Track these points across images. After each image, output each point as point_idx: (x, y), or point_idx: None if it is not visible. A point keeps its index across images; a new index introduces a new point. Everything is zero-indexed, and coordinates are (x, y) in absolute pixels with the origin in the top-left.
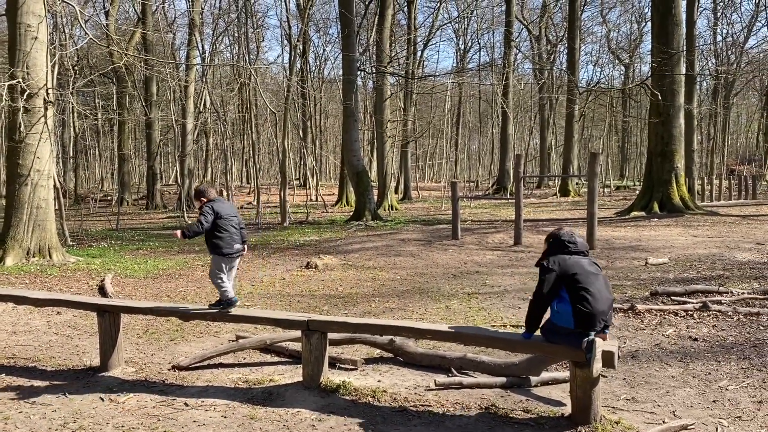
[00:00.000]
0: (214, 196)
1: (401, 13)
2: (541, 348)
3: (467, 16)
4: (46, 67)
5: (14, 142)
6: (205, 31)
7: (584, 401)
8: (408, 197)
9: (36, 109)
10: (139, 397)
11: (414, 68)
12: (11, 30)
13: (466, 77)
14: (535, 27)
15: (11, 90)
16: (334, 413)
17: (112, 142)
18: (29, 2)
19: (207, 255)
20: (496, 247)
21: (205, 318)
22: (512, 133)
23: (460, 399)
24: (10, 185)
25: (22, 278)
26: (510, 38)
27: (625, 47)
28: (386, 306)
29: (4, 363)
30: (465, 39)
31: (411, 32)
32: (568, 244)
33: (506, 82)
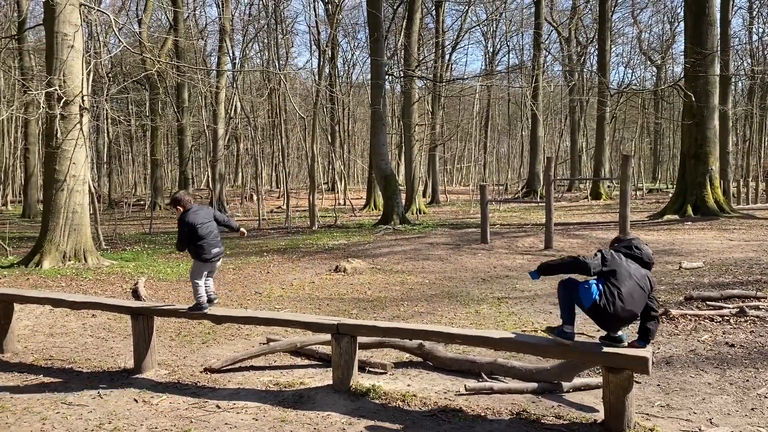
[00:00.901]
0: (190, 205)
1: (429, 17)
2: (573, 353)
3: (496, 18)
4: (82, 74)
5: (51, 148)
6: (235, 37)
7: (617, 407)
8: (436, 201)
9: (72, 115)
10: (171, 399)
11: (442, 71)
12: (48, 39)
13: (495, 80)
14: (565, 29)
15: (48, 97)
16: (364, 417)
17: (144, 147)
18: (66, 12)
19: (237, 258)
20: (526, 251)
21: (236, 321)
22: (542, 135)
23: (491, 404)
24: (47, 190)
25: (59, 281)
26: (539, 40)
27: (657, 48)
28: (415, 310)
29: (42, 364)
30: (494, 41)
31: (439, 36)
32: (634, 248)
33: (536, 84)
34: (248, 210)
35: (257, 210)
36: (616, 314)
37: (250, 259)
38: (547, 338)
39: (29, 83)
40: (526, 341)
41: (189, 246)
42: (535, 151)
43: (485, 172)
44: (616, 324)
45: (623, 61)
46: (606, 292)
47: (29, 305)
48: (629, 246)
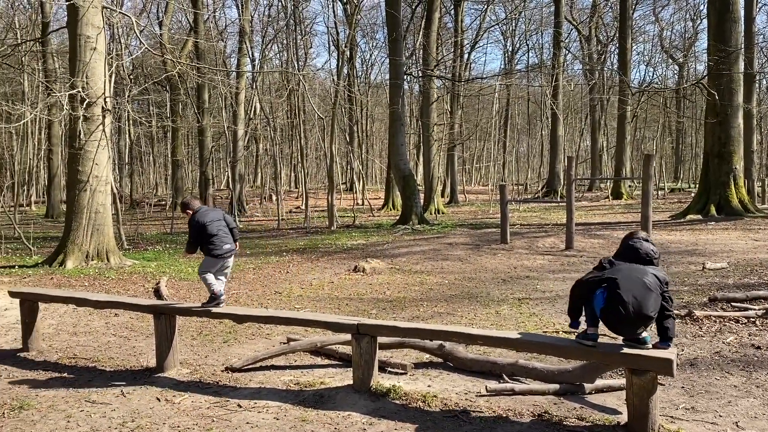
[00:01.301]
0: (198, 206)
1: (448, 16)
2: (595, 355)
3: (515, 17)
4: (104, 76)
5: (74, 150)
6: (254, 38)
7: (641, 409)
8: (455, 201)
9: (95, 117)
10: (193, 397)
11: (461, 71)
12: (72, 41)
13: (515, 79)
14: (585, 27)
15: (72, 99)
16: (385, 417)
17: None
18: (89, 14)
19: (257, 258)
20: (546, 251)
21: (257, 320)
22: (562, 134)
23: (512, 405)
24: (70, 191)
25: (82, 281)
26: (559, 39)
27: (680, 46)
28: (435, 310)
29: (66, 362)
30: (513, 40)
31: (458, 35)
32: (632, 249)
33: (556, 83)
34: (267, 210)
35: (276, 210)
36: (623, 319)
37: (270, 259)
38: (569, 339)
39: (53, 85)
40: (547, 342)
41: (201, 245)
42: (555, 151)
43: (504, 171)
44: (628, 328)
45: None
46: (610, 299)
47: (53, 304)
48: (627, 247)
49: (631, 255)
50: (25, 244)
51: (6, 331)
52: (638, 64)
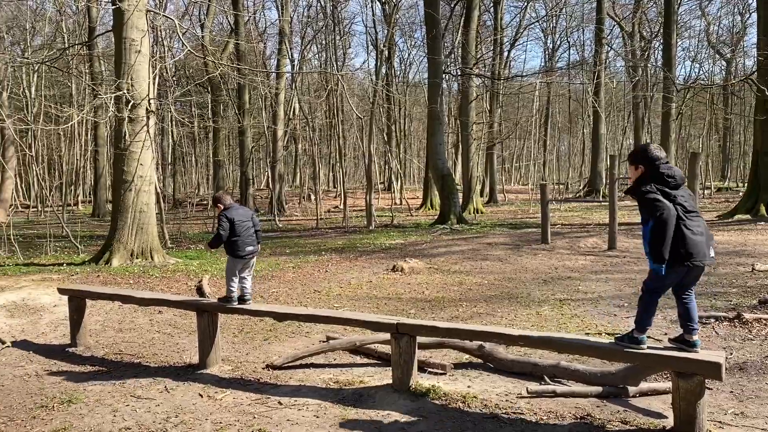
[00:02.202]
0: (229, 203)
1: (487, 14)
2: (639, 357)
3: (556, 14)
4: (148, 78)
5: (120, 150)
6: (294, 39)
7: (688, 414)
8: (494, 200)
9: (139, 118)
10: (235, 394)
11: (500, 69)
12: (117, 44)
13: (555, 77)
14: (628, 23)
15: (117, 101)
16: (425, 417)
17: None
18: (133, 18)
19: (296, 257)
20: (588, 251)
21: (297, 319)
22: (604, 133)
23: (554, 408)
24: (116, 191)
25: (127, 278)
26: (601, 35)
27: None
28: (474, 311)
29: (112, 358)
30: (554, 38)
31: (497, 33)
32: (667, 178)
33: (597, 80)
34: (306, 210)
35: (315, 210)
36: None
37: (309, 258)
38: (611, 342)
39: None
40: (590, 344)
41: (225, 244)
42: (597, 149)
43: (545, 170)
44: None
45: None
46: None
47: (100, 301)
48: (662, 178)
49: (672, 184)
50: (73, 243)
51: (55, 327)
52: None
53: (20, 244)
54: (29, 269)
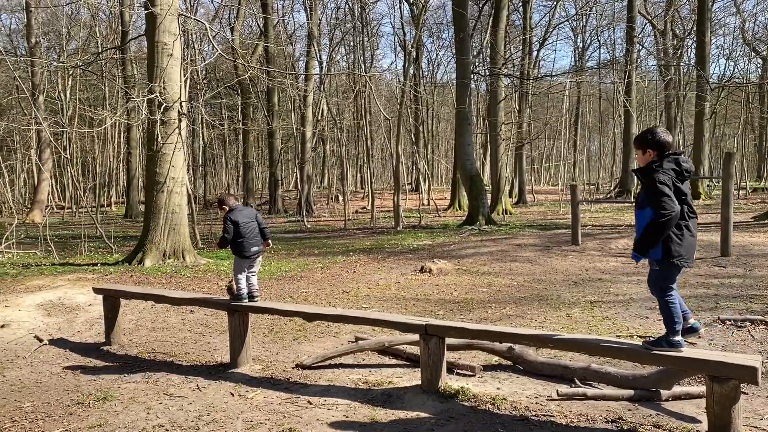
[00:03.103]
0: (234, 204)
1: (516, 14)
2: (672, 360)
3: (586, 13)
4: (180, 81)
5: (152, 152)
6: (322, 41)
7: (722, 419)
8: (523, 201)
9: (171, 120)
10: (265, 393)
11: (530, 69)
12: (150, 48)
13: (586, 76)
14: (660, 21)
15: (150, 104)
16: (454, 418)
17: (237, 150)
18: (166, 22)
19: (325, 258)
20: (620, 253)
21: (326, 319)
22: (635, 132)
23: (585, 410)
24: (148, 192)
25: (159, 278)
26: (632, 34)
27: (763, 38)
28: (503, 313)
29: (146, 357)
30: (583, 37)
31: (526, 32)
32: (685, 173)
33: (629, 79)
34: (334, 210)
35: (343, 210)
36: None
37: (337, 259)
38: (643, 344)
39: (131, 91)
40: (622, 347)
41: (231, 245)
42: (628, 149)
43: (575, 171)
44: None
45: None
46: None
47: (134, 300)
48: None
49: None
50: (107, 243)
51: (90, 326)
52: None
53: (56, 245)
54: (65, 269)
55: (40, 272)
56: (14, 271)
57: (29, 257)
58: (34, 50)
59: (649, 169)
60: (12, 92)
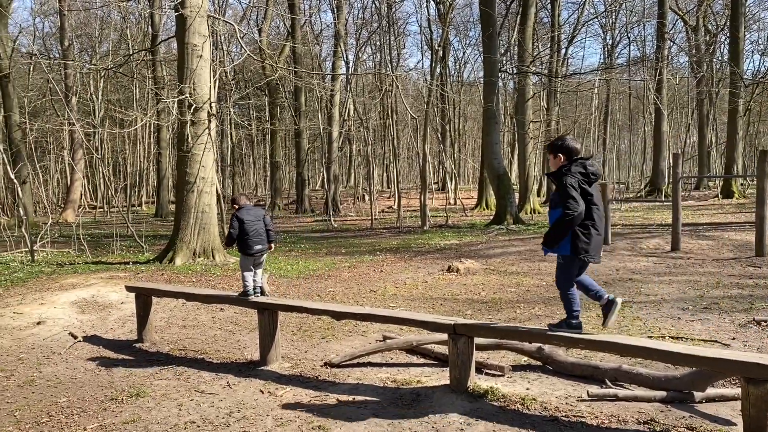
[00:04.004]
0: (243, 203)
1: (544, 11)
2: (707, 362)
3: (615, 9)
4: (210, 82)
5: (182, 153)
6: (349, 41)
7: (758, 421)
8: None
9: (201, 121)
10: (295, 391)
11: (558, 66)
12: (180, 50)
13: (615, 73)
14: (692, 17)
15: (180, 105)
16: (483, 418)
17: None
18: (195, 24)
19: (352, 257)
20: (651, 253)
21: (355, 318)
22: (666, 130)
23: (616, 412)
24: (179, 192)
25: (189, 277)
26: (663, 30)
27: None
28: (532, 312)
29: (177, 354)
30: (613, 34)
31: (554, 30)
32: (591, 175)
33: (659, 77)
34: (361, 210)
35: (370, 210)
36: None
37: (364, 258)
38: (679, 345)
39: (161, 92)
40: (654, 347)
41: (236, 242)
42: (659, 148)
43: (604, 169)
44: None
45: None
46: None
47: (165, 298)
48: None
49: (593, 179)
50: (138, 242)
51: (123, 323)
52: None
53: (89, 243)
54: (97, 267)
55: (74, 270)
56: (49, 269)
57: (63, 256)
58: (67, 53)
59: (559, 173)
60: (46, 94)
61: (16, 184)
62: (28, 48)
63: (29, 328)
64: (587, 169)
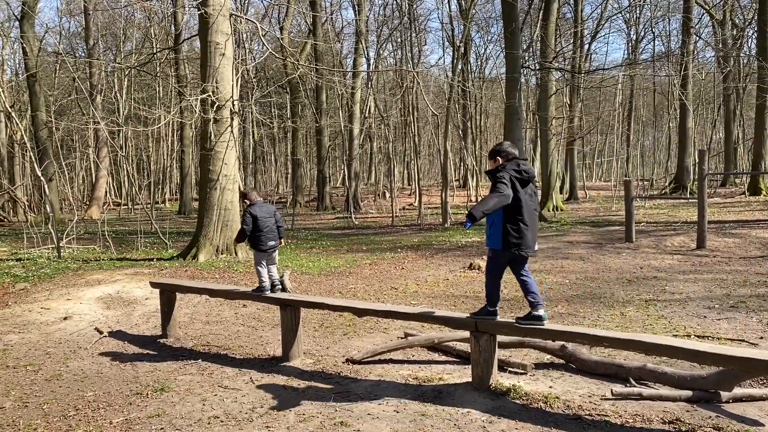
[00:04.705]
0: (255, 199)
1: (566, 6)
2: (735, 361)
3: (639, 4)
4: (232, 80)
5: (205, 150)
6: (370, 38)
7: None
8: (574, 197)
9: (224, 119)
10: (317, 387)
11: (581, 62)
12: (203, 48)
13: (639, 69)
14: (719, 11)
15: (203, 103)
16: (505, 416)
17: (286, 148)
18: (218, 22)
19: (373, 254)
20: (675, 250)
21: (376, 314)
22: (692, 127)
23: (640, 411)
24: (202, 189)
25: (212, 273)
26: (689, 25)
27: None
28: (555, 311)
29: (200, 349)
30: (637, 29)
31: (577, 25)
32: (523, 173)
33: (685, 72)
34: (381, 207)
35: (390, 207)
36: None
37: (385, 255)
38: (706, 344)
39: (184, 90)
40: (681, 346)
41: (249, 238)
42: (684, 144)
43: (628, 166)
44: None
45: None
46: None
47: (188, 294)
48: (519, 171)
49: (526, 178)
50: (162, 239)
51: (147, 319)
52: None
53: (113, 240)
54: (122, 263)
55: (99, 267)
56: (75, 265)
57: (88, 252)
58: (92, 52)
59: (496, 170)
60: (71, 93)
61: (42, 181)
62: (54, 47)
63: (56, 323)
64: (520, 167)
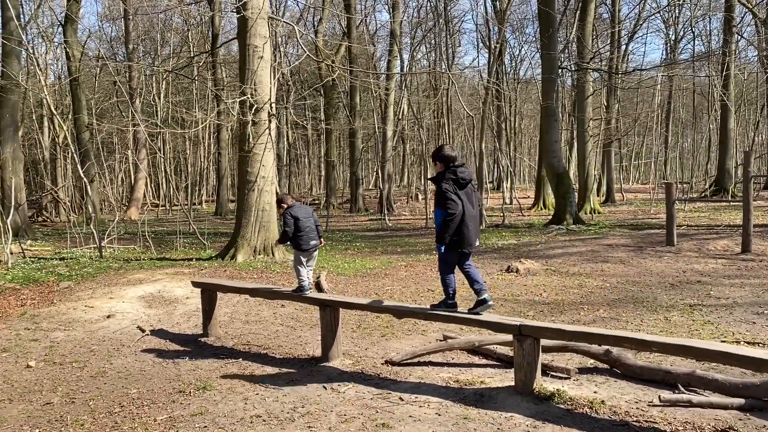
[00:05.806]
0: (292, 202)
1: (603, 6)
2: None
3: (679, 4)
4: (270, 83)
5: (244, 152)
6: (403, 40)
7: None
8: (611, 200)
9: (262, 121)
10: (357, 388)
11: (618, 63)
12: (241, 51)
13: (679, 69)
14: (762, 9)
15: (242, 105)
16: (550, 421)
17: (319, 150)
18: (256, 26)
19: (408, 256)
20: (719, 254)
21: (416, 316)
22: (733, 128)
23: (690, 418)
24: (240, 191)
25: (251, 273)
26: (731, 24)
27: None
28: (596, 315)
29: (241, 349)
30: (676, 28)
31: (614, 26)
32: (460, 180)
33: (726, 72)
34: (414, 209)
35: (423, 209)
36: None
37: (420, 257)
38: (760, 351)
39: (221, 93)
40: (733, 352)
41: (291, 239)
42: (725, 146)
43: (666, 168)
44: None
45: None
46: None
47: (228, 294)
48: (455, 174)
49: (463, 183)
50: (200, 239)
51: (188, 318)
52: None
53: (152, 240)
54: (162, 263)
55: (140, 266)
56: (116, 265)
57: (129, 252)
58: (131, 56)
59: (438, 178)
60: (112, 96)
61: (85, 182)
62: (95, 52)
63: (100, 321)
64: (457, 175)
